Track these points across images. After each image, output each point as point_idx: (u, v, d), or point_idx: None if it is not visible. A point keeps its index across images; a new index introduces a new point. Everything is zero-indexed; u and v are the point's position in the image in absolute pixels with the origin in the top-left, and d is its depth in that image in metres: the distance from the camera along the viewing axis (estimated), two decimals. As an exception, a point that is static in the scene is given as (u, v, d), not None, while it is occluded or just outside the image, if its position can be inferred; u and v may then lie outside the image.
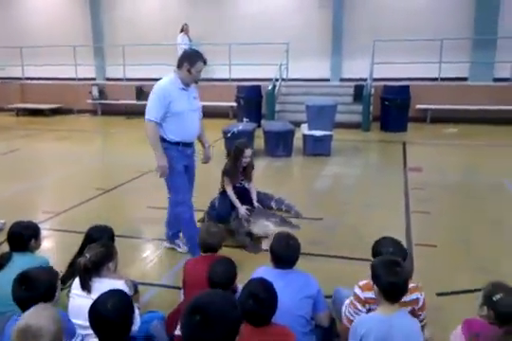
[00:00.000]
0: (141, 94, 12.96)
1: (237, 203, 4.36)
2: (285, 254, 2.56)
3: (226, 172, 4.40)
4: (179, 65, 3.75)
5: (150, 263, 4.00)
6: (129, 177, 6.60)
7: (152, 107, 3.67)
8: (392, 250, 2.49)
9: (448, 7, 11.93)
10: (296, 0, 13.12)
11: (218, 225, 3.27)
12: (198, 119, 3.91)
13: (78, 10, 14.89)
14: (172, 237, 4.22)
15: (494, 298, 2.09)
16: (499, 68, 11.45)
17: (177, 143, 3.76)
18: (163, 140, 3.73)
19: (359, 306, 2.37)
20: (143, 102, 14.54)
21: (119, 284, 2.43)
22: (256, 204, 4.44)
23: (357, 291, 2.39)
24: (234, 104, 11.34)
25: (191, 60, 3.72)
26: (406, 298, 2.31)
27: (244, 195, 4.46)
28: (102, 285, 2.33)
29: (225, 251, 3.23)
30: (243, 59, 12.22)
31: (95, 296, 2.10)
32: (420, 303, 2.39)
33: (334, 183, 6.45)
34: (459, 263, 3.82)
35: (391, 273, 2.14)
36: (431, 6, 12.01)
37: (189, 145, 3.85)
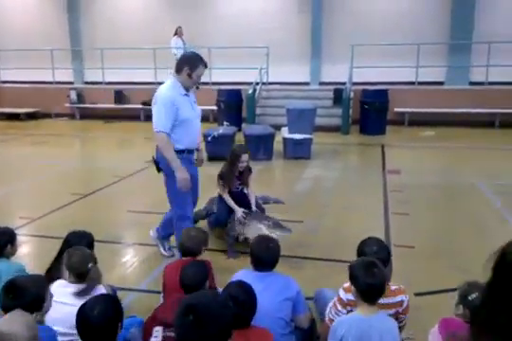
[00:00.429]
0: (121, 98, 12.87)
1: (234, 205, 4.24)
2: (265, 256, 2.57)
3: (221, 176, 4.30)
4: (179, 69, 3.54)
5: (130, 268, 3.96)
6: (107, 182, 6.53)
7: (160, 117, 3.45)
8: (375, 249, 2.51)
9: (426, 12, 12.16)
10: (275, 4, 13.21)
11: (201, 230, 3.22)
12: (200, 125, 3.79)
13: (55, 13, 14.72)
14: (162, 237, 4.14)
15: (469, 298, 2.13)
16: (474, 72, 11.71)
17: (182, 151, 3.60)
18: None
19: (340, 307, 2.40)
20: (122, 106, 14.35)
21: (98, 289, 2.40)
22: (254, 208, 4.32)
23: (341, 293, 2.42)
24: (215, 108, 11.34)
25: (191, 63, 3.52)
26: (390, 300, 2.35)
27: (241, 200, 4.32)
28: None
29: (212, 255, 3.21)
30: (223, 62, 12.24)
31: (74, 301, 2.06)
32: (404, 305, 2.43)
33: (314, 185, 6.49)
34: (437, 263, 3.88)
35: (368, 274, 2.17)
36: (409, 11, 12.23)
37: (192, 151, 3.74)
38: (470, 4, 11.70)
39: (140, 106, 12.46)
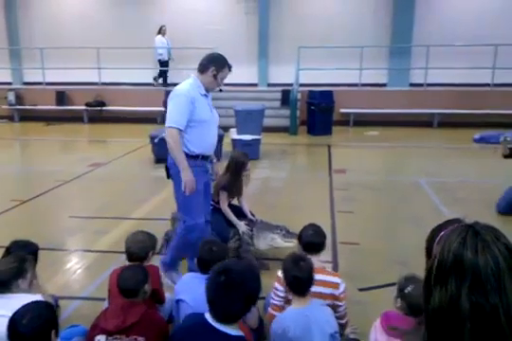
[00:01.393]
0: (63, 99, 12.40)
1: (235, 220, 3.99)
2: (209, 259, 2.56)
3: (224, 188, 3.95)
4: (204, 69, 3.32)
5: (73, 275, 3.82)
6: (49, 187, 6.27)
7: (175, 112, 3.22)
8: (311, 232, 2.82)
9: (368, 17, 12.58)
10: (223, 6, 13.20)
11: (149, 234, 3.07)
12: (217, 132, 3.54)
13: (-10, 10, 13.97)
14: (170, 264, 3.59)
15: (406, 291, 2.22)
16: (414, 74, 12.23)
17: (197, 156, 3.34)
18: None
19: (279, 287, 2.56)
20: (65, 108, 13.81)
21: (35, 299, 2.28)
22: (253, 217, 4.12)
23: (276, 282, 2.60)
24: (163, 109, 11.16)
25: (219, 64, 3.32)
26: (327, 278, 2.56)
27: (233, 211, 4.08)
28: (11, 301, 2.18)
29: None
30: (170, 64, 12.08)
31: (3, 312, 1.96)
32: (340, 289, 2.58)
33: (262, 186, 6.53)
34: (380, 259, 4.01)
35: (295, 267, 2.30)
36: (352, 16, 12.60)
37: (207, 158, 3.45)
38: (410, 9, 12.23)
39: (84, 107, 12.07)
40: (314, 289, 2.43)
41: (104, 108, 12.06)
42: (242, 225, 3.96)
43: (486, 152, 8.80)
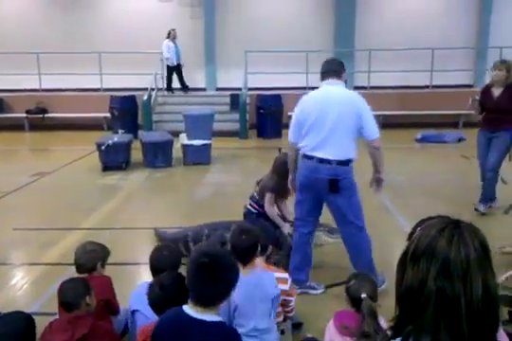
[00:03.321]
0: (1, 106, 11.82)
1: (281, 221, 3.95)
2: (159, 266, 2.54)
3: (272, 190, 3.92)
4: (340, 75, 3.38)
5: (19, 291, 3.65)
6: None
7: (374, 121, 3.32)
8: (241, 237, 2.76)
9: (311, 22, 12.88)
10: (167, 10, 13.07)
11: (99, 244, 2.99)
12: None
13: None
14: (304, 280, 3.46)
15: (347, 285, 2.30)
16: (357, 77, 12.63)
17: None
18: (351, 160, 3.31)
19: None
20: (3, 115, 13.08)
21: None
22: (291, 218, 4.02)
23: None
24: (108, 115, 10.89)
25: (345, 70, 3.45)
26: (276, 275, 2.59)
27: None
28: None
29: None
30: (115, 68, 11.80)
31: None
32: (289, 283, 2.66)
33: (214, 191, 6.51)
34: (337, 257, 4.07)
35: (239, 238, 2.45)
36: (297, 20, 12.86)
37: None
38: (351, 15, 12.65)
39: (25, 115, 11.55)
40: None
41: (47, 115, 11.60)
42: (287, 226, 3.91)
43: (428, 151, 9.23)
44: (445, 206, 5.16)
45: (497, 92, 4.96)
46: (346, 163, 3.25)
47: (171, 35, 11.74)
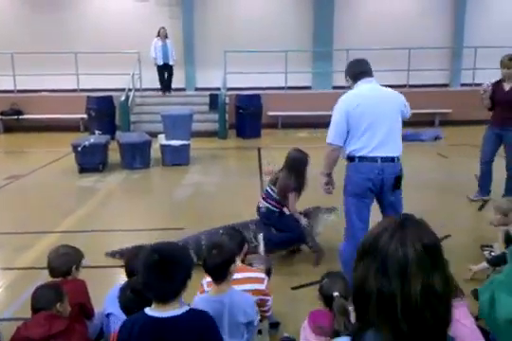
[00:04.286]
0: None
1: (299, 215, 4.06)
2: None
3: (295, 189, 3.97)
4: (373, 74, 3.37)
5: (-10, 297, 3.54)
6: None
7: None
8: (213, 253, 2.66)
9: (291, 22, 12.94)
10: (145, 9, 12.95)
11: (72, 247, 2.91)
12: None
13: None
14: None
15: (320, 284, 2.30)
16: (336, 77, 12.69)
17: None
18: None
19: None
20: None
21: None
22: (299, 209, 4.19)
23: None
24: (85, 116, 10.72)
25: None
26: (251, 275, 2.59)
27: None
28: None
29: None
30: (92, 68, 11.63)
31: None
32: (265, 283, 2.62)
33: (193, 191, 6.46)
34: (311, 258, 4.08)
35: (209, 255, 2.33)
36: (276, 20, 12.90)
37: None
38: (329, 15, 12.73)
39: (-1, 116, 11.31)
40: (241, 287, 2.45)
41: (22, 117, 11.35)
42: (303, 219, 4.02)
43: (404, 150, 9.32)
44: (426, 204, 5.22)
45: (508, 86, 5.08)
46: (399, 158, 3.20)
47: (160, 34, 11.48)
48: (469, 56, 12.34)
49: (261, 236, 3.70)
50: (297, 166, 3.97)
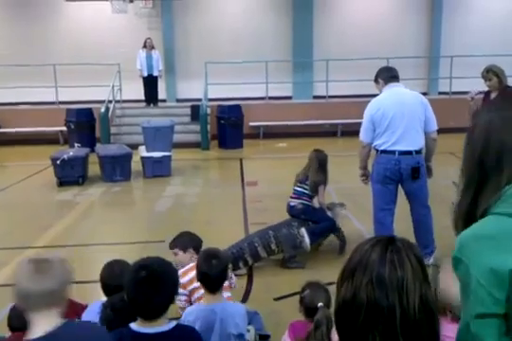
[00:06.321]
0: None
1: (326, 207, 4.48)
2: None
3: (325, 183, 4.37)
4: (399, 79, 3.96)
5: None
6: None
7: (434, 116, 3.99)
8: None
9: (270, 32, 13.05)
10: (123, 21, 12.91)
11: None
12: None
13: None
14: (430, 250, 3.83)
15: (302, 295, 2.29)
16: (316, 87, 12.84)
17: None
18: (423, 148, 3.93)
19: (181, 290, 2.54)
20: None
21: None
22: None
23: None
24: (64, 129, 10.60)
25: None
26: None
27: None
28: None
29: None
30: (71, 81, 11.55)
31: None
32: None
33: (175, 203, 6.42)
34: (292, 269, 4.08)
35: (205, 264, 2.28)
36: (256, 31, 12.98)
37: None
38: (309, 26, 12.89)
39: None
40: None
41: (0, 130, 11.18)
42: (337, 208, 4.52)
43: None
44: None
45: (494, 96, 5.19)
46: (420, 151, 3.81)
47: (147, 44, 11.47)
48: (446, 65, 12.61)
49: (303, 230, 4.13)
50: (323, 163, 4.44)
